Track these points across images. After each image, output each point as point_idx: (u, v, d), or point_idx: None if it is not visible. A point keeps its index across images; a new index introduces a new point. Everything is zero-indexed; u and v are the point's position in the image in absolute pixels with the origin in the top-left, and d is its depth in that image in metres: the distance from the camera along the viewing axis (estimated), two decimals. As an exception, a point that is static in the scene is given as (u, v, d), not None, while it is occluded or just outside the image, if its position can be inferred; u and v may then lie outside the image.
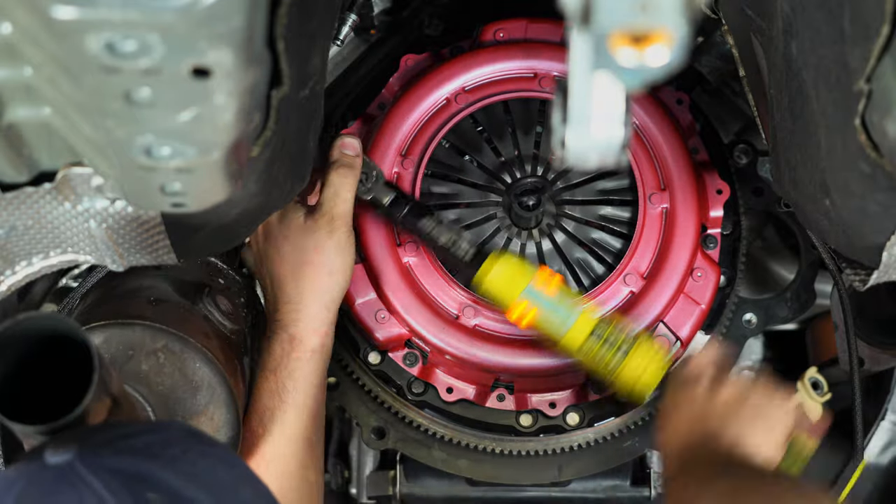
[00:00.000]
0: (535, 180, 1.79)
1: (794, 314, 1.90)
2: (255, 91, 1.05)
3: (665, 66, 0.81)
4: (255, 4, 0.94)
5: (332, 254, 1.62)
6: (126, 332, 1.62)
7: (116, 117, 0.99)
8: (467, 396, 1.78)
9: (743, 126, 1.96)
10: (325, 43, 1.41)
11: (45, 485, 1.06)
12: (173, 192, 1.12)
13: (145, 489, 1.05)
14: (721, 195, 1.80)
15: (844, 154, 1.19)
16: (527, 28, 1.85)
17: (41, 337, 1.21)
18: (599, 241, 1.78)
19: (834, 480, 1.95)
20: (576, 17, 0.82)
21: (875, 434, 1.98)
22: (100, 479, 1.05)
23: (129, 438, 1.12)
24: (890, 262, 1.32)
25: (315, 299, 1.61)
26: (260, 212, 1.43)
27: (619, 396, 1.71)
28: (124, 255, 1.33)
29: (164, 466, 1.08)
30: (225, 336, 1.72)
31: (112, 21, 0.87)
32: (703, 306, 1.77)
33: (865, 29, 1.01)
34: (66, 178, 1.19)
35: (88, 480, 1.05)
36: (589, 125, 0.94)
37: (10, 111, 1.08)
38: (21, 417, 1.18)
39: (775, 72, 1.40)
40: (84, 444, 1.09)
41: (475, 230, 1.78)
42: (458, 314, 1.71)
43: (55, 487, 1.06)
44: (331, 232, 1.62)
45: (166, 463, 1.09)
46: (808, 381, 2.01)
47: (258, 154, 1.19)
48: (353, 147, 1.67)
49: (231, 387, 1.64)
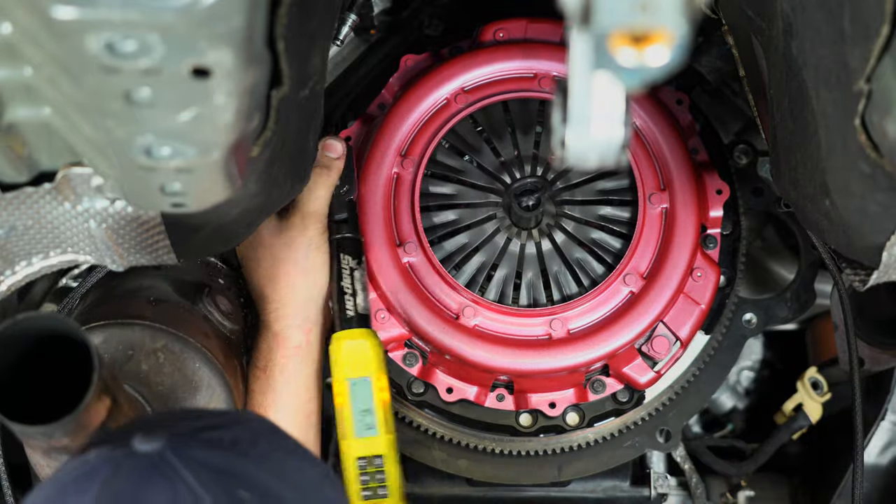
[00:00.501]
0: (534, 180, 1.79)
1: (794, 314, 1.90)
2: (255, 91, 1.05)
3: (665, 66, 0.81)
4: (255, 4, 0.94)
5: (304, 250, 1.63)
6: (126, 332, 1.62)
7: (116, 117, 0.99)
8: (467, 396, 1.78)
9: (743, 126, 1.96)
10: (325, 43, 1.41)
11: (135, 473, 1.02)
12: (173, 192, 1.12)
13: (237, 486, 1.03)
14: (721, 195, 1.80)
15: (844, 154, 1.19)
16: (526, 28, 1.85)
17: (41, 337, 1.21)
18: (599, 242, 1.78)
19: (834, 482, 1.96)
20: (576, 17, 0.82)
21: (875, 434, 1.98)
22: (192, 472, 1.02)
23: (215, 430, 1.09)
24: (890, 262, 1.32)
25: (292, 298, 1.63)
26: (260, 212, 1.44)
27: None
28: (124, 255, 1.33)
29: (253, 464, 1.06)
30: (224, 336, 1.72)
31: (112, 21, 0.87)
32: (703, 306, 1.77)
33: (865, 29, 1.01)
34: (66, 178, 1.19)
35: (182, 473, 1.02)
36: (589, 125, 0.94)
37: (10, 111, 1.08)
38: (21, 417, 1.18)
39: (775, 72, 1.40)
40: (172, 433, 1.05)
41: (475, 230, 1.78)
42: (458, 314, 1.71)
43: (146, 477, 1.02)
44: (303, 229, 1.63)
45: (255, 460, 1.07)
46: (808, 381, 2.02)
47: (258, 154, 1.19)
48: (336, 150, 1.68)
49: (230, 387, 1.64)
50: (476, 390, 1.78)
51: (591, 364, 1.72)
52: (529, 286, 1.77)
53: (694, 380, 1.84)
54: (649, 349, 1.75)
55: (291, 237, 1.63)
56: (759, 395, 2.29)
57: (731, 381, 2.28)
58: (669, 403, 1.84)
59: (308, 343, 1.63)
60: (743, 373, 2.29)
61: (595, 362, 1.73)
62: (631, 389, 1.79)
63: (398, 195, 1.74)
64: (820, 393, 2.01)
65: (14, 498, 1.68)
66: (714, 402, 2.25)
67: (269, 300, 1.64)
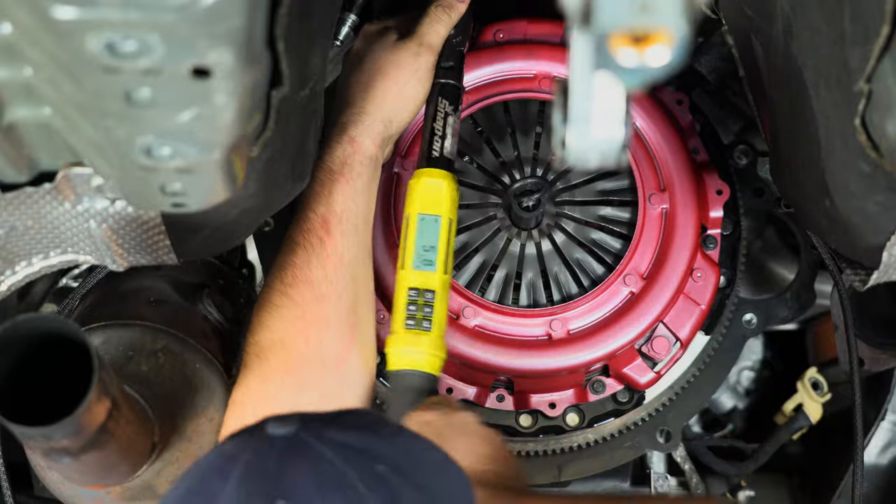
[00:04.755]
0: (534, 181, 1.79)
1: (794, 314, 1.90)
2: (255, 91, 1.05)
3: (665, 66, 0.81)
4: (255, 4, 0.94)
5: (409, 75, 1.61)
6: (126, 332, 1.62)
7: (116, 117, 0.99)
8: (467, 397, 1.78)
9: (743, 126, 1.96)
10: (325, 43, 1.41)
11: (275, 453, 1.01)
12: (173, 192, 1.12)
13: (373, 462, 1.02)
14: (721, 196, 1.80)
15: (844, 154, 1.20)
16: (526, 29, 1.85)
17: (41, 338, 1.21)
18: (599, 242, 1.78)
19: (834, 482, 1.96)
20: (576, 17, 0.82)
21: (875, 434, 1.98)
22: (331, 449, 1.01)
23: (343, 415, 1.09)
24: (890, 262, 1.32)
25: (377, 109, 1.59)
26: (260, 212, 1.44)
27: None
28: (124, 255, 1.33)
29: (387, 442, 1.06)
30: (225, 336, 1.72)
31: (112, 21, 0.87)
32: (703, 307, 1.77)
33: (865, 29, 1.02)
34: (66, 178, 1.19)
35: (321, 450, 1.01)
36: (589, 125, 0.94)
37: (10, 111, 1.08)
38: (21, 419, 1.18)
39: (775, 72, 1.40)
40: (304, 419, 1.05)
41: (475, 231, 1.78)
42: (458, 315, 1.71)
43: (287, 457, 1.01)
44: (416, 56, 1.62)
45: (388, 439, 1.07)
46: (808, 381, 2.02)
47: (258, 154, 1.19)
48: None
49: (231, 388, 1.64)
50: (476, 390, 1.78)
51: (591, 364, 1.73)
52: (529, 286, 1.77)
53: (694, 380, 1.84)
54: (649, 350, 1.75)
55: (403, 59, 1.61)
56: (759, 395, 2.29)
57: (731, 381, 2.27)
58: (669, 404, 1.83)
59: (377, 158, 1.60)
60: (743, 373, 2.29)
61: (595, 363, 1.73)
62: (631, 390, 1.79)
63: (398, 195, 1.74)
64: (820, 393, 2.01)
65: (14, 498, 1.68)
66: (714, 402, 2.25)
67: (353, 104, 1.60)
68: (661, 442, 1.83)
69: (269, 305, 1.50)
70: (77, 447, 1.29)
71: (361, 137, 1.57)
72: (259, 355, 1.48)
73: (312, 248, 1.52)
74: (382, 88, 1.60)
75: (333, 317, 1.50)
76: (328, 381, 1.49)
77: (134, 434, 1.44)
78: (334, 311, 1.51)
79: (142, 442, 1.50)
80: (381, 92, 1.60)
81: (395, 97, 1.61)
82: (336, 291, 1.51)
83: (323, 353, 1.49)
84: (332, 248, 1.52)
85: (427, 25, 1.64)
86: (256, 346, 1.49)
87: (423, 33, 1.63)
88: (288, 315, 1.49)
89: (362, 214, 1.57)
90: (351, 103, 1.60)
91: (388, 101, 1.60)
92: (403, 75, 1.61)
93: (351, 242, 1.54)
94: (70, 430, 1.22)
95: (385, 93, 1.60)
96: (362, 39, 1.67)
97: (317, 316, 1.49)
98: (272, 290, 1.51)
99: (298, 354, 1.48)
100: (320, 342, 1.49)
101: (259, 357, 1.48)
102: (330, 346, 1.50)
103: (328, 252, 1.52)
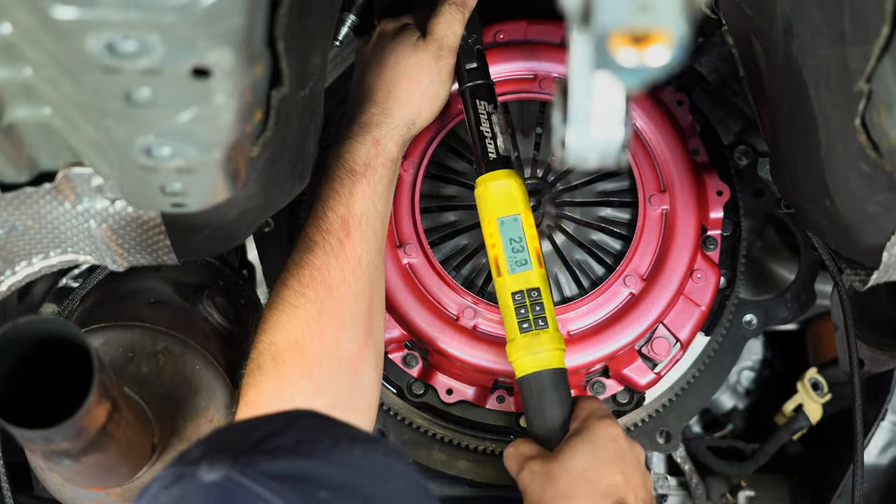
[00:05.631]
0: (534, 182, 1.79)
1: (795, 315, 1.90)
2: (256, 91, 1.05)
3: (665, 66, 0.81)
4: (255, 4, 0.94)
5: (431, 76, 1.61)
6: (126, 334, 1.62)
7: (116, 117, 0.99)
8: (467, 398, 1.78)
9: (743, 127, 1.96)
10: (325, 43, 1.41)
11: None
12: (173, 192, 1.12)
13: (314, 489, 1.01)
14: (721, 196, 1.80)
15: (844, 154, 1.20)
16: (527, 29, 1.85)
17: (40, 340, 1.21)
18: (599, 243, 1.78)
19: (834, 482, 1.96)
20: (576, 17, 0.82)
21: (875, 434, 1.98)
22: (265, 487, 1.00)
23: (275, 437, 1.06)
24: (890, 263, 1.32)
25: (401, 109, 1.59)
26: (260, 212, 1.43)
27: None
28: (124, 255, 1.33)
29: (322, 462, 1.04)
30: (225, 338, 1.72)
31: (112, 21, 0.87)
32: (703, 308, 1.77)
33: (865, 29, 1.02)
34: (66, 178, 1.19)
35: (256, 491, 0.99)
36: (589, 125, 0.94)
37: (10, 111, 1.08)
38: (21, 421, 1.17)
39: (775, 72, 1.40)
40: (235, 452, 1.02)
41: (475, 231, 1.78)
42: (458, 316, 1.71)
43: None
44: (438, 58, 1.62)
45: (323, 458, 1.04)
46: (808, 381, 2.02)
47: (258, 154, 1.19)
48: None
49: (231, 389, 1.64)
50: (476, 391, 1.78)
51: (591, 365, 1.72)
52: (529, 287, 1.77)
53: (694, 381, 1.84)
54: (649, 351, 1.75)
55: (425, 60, 1.61)
56: (759, 395, 2.29)
57: (731, 382, 2.27)
58: (669, 405, 1.83)
59: (396, 162, 1.60)
60: (743, 373, 2.29)
61: (595, 364, 1.72)
62: (631, 391, 1.79)
63: (398, 196, 1.74)
64: (820, 393, 2.01)
65: (14, 499, 1.68)
66: (714, 402, 2.25)
67: (375, 103, 1.60)
68: (661, 443, 1.83)
69: (285, 305, 1.49)
70: (77, 449, 1.29)
71: (385, 140, 1.57)
72: (276, 357, 1.46)
73: (332, 248, 1.51)
74: (407, 90, 1.60)
75: (350, 320, 1.50)
76: (341, 384, 1.48)
77: (134, 436, 1.44)
78: (350, 315, 1.50)
79: (142, 444, 1.50)
80: (405, 93, 1.60)
81: (420, 99, 1.61)
82: (353, 294, 1.50)
83: (339, 355, 1.48)
84: (352, 251, 1.52)
85: (445, 27, 1.63)
86: (272, 347, 1.47)
87: (442, 35, 1.63)
88: (305, 315, 1.48)
89: (381, 218, 1.56)
90: (374, 102, 1.60)
91: (411, 103, 1.60)
92: (427, 77, 1.61)
93: (370, 247, 1.53)
94: (70, 432, 1.22)
95: (409, 94, 1.60)
96: (380, 37, 1.66)
97: (333, 318, 1.48)
98: (288, 290, 1.50)
99: (314, 357, 1.46)
100: (337, 343, 1.48)
101: (275, 359, 1.46)
102: (346, 347, 1.49)
103: (347, 255, 1.51)
